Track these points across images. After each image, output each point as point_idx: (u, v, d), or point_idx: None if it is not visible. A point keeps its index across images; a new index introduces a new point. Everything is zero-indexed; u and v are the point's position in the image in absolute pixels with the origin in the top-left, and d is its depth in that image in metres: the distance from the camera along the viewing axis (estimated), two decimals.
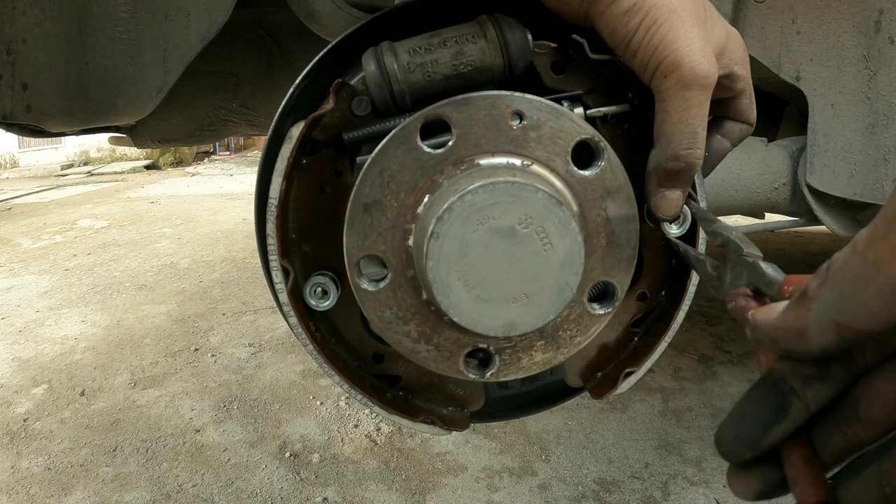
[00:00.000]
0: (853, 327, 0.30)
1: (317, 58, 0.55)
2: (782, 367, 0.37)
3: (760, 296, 0.42)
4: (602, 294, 0.56)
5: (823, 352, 0.33)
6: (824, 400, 0.36)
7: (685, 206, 0.56)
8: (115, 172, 13.34)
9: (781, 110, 1.97)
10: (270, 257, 0.54)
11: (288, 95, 0.55)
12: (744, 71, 0.57)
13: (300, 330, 0.55)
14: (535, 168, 0.50)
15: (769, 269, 0.41)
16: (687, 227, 0.56)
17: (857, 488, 0.35)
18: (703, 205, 0.58)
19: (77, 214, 7.40)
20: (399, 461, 2.08)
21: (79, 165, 15.05)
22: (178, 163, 14.34)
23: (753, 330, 0.37)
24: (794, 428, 0.37)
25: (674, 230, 0.56)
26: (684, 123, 0.50)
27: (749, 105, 0.59)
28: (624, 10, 0.49)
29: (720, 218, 0.53)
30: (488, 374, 0.56)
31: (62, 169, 14.39)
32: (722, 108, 0.59)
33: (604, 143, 0.51)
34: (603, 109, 0.56)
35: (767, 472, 0.38)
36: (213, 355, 2.97)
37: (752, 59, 1.37)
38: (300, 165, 0.55)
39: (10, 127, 1.06)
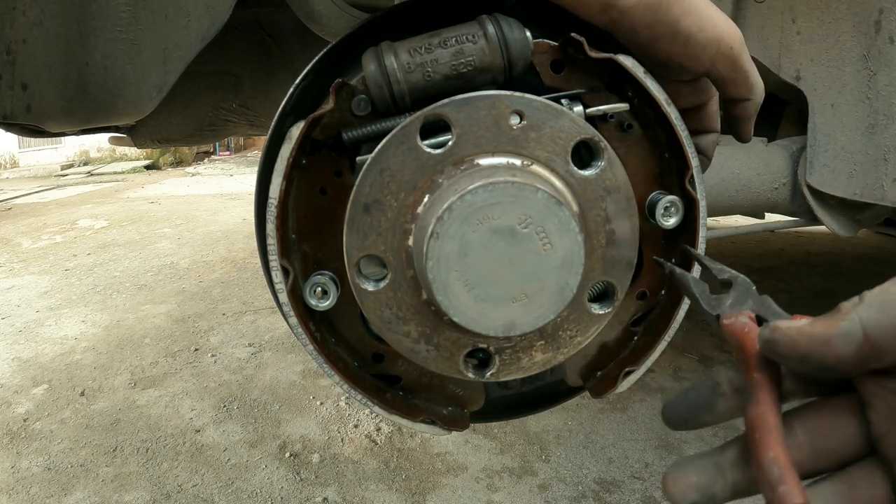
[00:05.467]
0: (878, 344, 0.33)
1: (317, 58, 0.55)
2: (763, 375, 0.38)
3: (763, 323, 0.40)
4: (602, 294, 0.56)
5: (838, 363, 0.35)
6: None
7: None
8: (115, 172, 13.33)
9: (781, 110, 1.97)
10: (270, 257, 0.54)
11: (288, 95, 0.55)
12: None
13: (300, 330, 0.55)
14: (535, 168, 0.50)
15: (776, 305, 0.41)
16: (680, 218, 0.56)
17: None
18: (702, 222, 0.57)
19: (77, 214, 7.40)
20: (399, 461, 2.08)
21: (79, 165, 15.04)
22: (178, 163, 14.33)
23: (773, 332, 0.37)
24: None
25: (669, 223, 0.56)
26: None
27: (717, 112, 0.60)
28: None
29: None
30: (488, 374, 0.56)
31: (62, 169, 14.38)
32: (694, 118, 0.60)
33: (604, 143, 0.51)
34: (603, 108, 0.55)
35: (713, 466, 0.38)
36: (213, 355, 2.97)
37: (752, 59, 1.38)
38: (300, 165, 0.55)
39: (10, 127, 1.07)
